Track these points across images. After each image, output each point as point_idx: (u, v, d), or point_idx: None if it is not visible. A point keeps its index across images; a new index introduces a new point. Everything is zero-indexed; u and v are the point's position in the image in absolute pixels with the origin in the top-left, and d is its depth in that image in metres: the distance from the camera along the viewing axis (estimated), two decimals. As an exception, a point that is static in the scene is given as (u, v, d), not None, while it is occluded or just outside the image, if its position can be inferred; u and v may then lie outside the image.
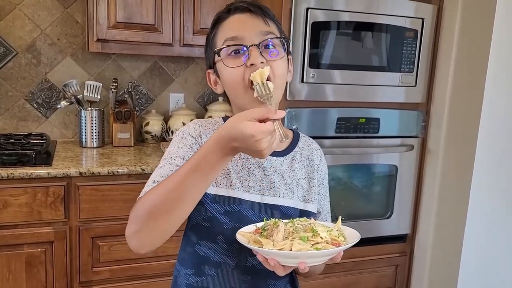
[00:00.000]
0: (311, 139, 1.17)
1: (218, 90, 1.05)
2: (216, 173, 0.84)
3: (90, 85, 2.30)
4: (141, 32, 2.14)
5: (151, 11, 2.14)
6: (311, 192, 1.09)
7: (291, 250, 0.84)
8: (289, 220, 0.94)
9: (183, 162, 0.91)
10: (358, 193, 2.40)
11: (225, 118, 1.10)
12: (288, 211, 1.04)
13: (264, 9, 1.00)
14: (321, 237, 0.87)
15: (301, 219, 0.95)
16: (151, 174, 0.99)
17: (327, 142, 2.15)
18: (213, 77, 1.05)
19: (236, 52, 0.96)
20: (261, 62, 0.93)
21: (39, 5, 2.28)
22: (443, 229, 2.29)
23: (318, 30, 2.03)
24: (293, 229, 0.89)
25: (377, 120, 2.24)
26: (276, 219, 0.94)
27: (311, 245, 0.85)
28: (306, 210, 1.08)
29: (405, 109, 2.31)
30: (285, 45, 1.00)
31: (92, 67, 2.42)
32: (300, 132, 1.16)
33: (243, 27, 0.97)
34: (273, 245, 0.86)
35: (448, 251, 2.26)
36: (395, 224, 2.41)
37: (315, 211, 1.10)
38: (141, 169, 1.95)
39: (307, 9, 1.99)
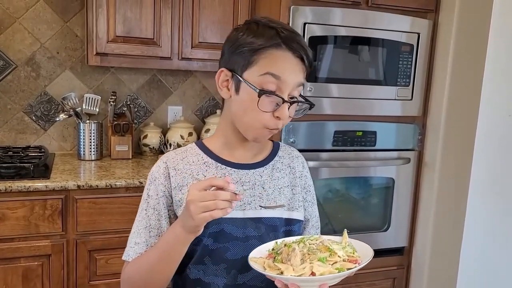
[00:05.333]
0: (291, 147, 1.19)
1: (223, 93, 1.01)
2: (182, 251, 0.95)
3: (89, 98, 2.31)
4: (140, 46, 2.16)
5: (150, 25, 2.16)
6: (295, 199, 1.10)
7: (312, 272, 0.83)
8: (299, 239, 0.94)
9: (154, 213, 1.02)
10: (355, 206, 2.40)
11: (197, 143, 1.09)
12: (273, 222, 1.05)
13: (310, 55, 0.99)
14: (338, 256, 0.88)
15: (311, 237, 0.95)
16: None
17: (324, 155, 2.15)
18: (224, 78, 1.00)
19: (272, 92, 0.95)
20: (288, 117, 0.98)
21: (39, 19, 2.30)
22: (441, 242, 2.30)
23: (316, 44, 2.06)
24: (307, 249, 0.89)
25: (374, 133, 2.26)
26: (288, 242, 0.94)
27: (330, 265, 0.85)
28: (292, 219, 1.08)
29: (402, 122, 2.32)
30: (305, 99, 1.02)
31: (91, 80, 2.43)
32: (280, 142, 1.18)
33: (289, 71, 0.96)
34: (293, 270, 0.85)
35: (446, 264, 2.26)
36: (392, 236, 2.41)
37: (302, 218, 1.11)
38: (139, 182, 1.95)
39: (305, 24, 2.02)
